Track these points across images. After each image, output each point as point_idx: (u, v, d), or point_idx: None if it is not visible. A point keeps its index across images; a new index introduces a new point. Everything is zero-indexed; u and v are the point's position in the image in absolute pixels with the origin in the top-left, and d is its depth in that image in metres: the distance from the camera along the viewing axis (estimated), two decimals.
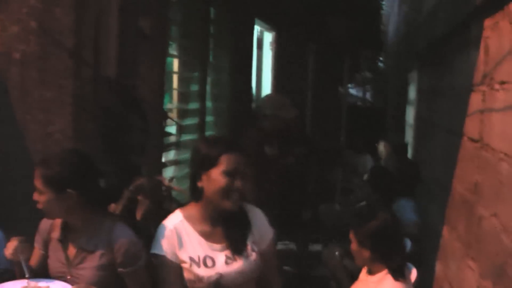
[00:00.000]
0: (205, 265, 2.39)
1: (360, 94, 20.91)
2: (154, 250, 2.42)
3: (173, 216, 2.49)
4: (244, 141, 4.92)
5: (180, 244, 2.41)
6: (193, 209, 2.49)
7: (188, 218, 2.46)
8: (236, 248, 2.45)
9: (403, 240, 3.17)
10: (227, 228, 2.47)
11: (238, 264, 2.43)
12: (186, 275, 2.40)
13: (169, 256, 2.40)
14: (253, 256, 2.48)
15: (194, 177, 2.45)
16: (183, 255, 2.41)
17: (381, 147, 6.60)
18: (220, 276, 2.38)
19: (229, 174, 2.38)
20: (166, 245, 2.41)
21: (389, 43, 15.17)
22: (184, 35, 4.57)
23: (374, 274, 2.95)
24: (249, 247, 2.47)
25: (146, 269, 2.43)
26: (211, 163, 2.38)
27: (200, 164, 2.41)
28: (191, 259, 2.39)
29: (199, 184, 2.41)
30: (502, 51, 2.73)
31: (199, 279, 2.37)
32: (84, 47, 3.05)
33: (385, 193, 5.10)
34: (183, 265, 2.40)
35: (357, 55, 13.31)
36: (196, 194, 2.45)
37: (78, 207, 2.36)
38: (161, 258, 2.41)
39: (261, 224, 2.57)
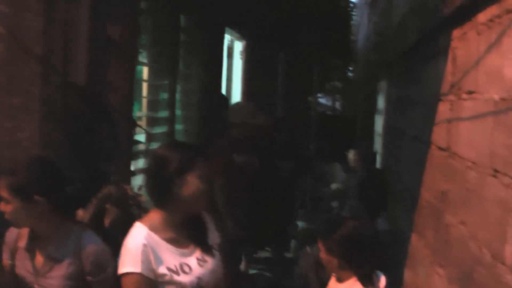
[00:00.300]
0: (184, 272, 2.37)
1: (329, 103, 21.06)
2: (127, 269, 2.27)
3: (137, 230, 2.35)
4: (214, 148, 4.93)
5: (155, 257, 2.31)
6: (154, 218, 2.40)
7: (153, 229, 2.36)
8: (206, 248, 2.46)
9: (377, 248, 3.19)
10: (192, 231, 2.46)
11: (209, 264, 2.44)
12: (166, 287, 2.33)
13: (145, 273, 2.27)
14: (217, 254, 2.50)
15: (164, 183, 2.40)
16: (161, 268, 2.32)
17: (351, 155, 6.64)
18: (200, 280, 2.38)
19: (203, 178, 2.38)
20: (140, 262, 2.27)
21: (359, 53, 15.33)
22: (154, 43, 4.56)
23: (343, 282, 2.96)
24: (213, 247, 2.50)
25: (115, 278, 2.40)
26: (187, 168, 2.36)
27: (173, 170, 2.37)
28: (169, 269, 2.32)
29: (173, 189, 2.37)
30: (470, 61, 2.77)
31: (182, 287, 2.35)
32: (53, 53, 3.01)
33: (373, 206, 5.14)
34: (163, 278, 2.32)
35: (327, 64, 13.41)
36: (165, 201, 2.41)
37: (46, 215, 2.33)
38: (137, 277, 2.27)
39: (212, 228, 2.58)
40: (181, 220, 2.43)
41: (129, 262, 2.27)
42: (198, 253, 2.43)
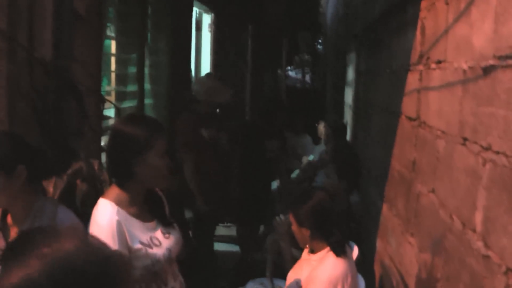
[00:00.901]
0: (155, 245, 2.38)
1: (299, 76, 21.03)
2: None
3: (106, 207, 2.33)
4: (180, 123, 4.91)
5: (129, 233, 2.31)
6: (117, 193, 2.38)
7: (119, 204, 2.35)
8: (168, 221, 2.51)
9: (348, 216, 3.23)
10: (153, 205, 2.50)
11: (173, 236, 2.49)
12: (143, 262, 2.31)
13: (121, 249, 2.23)
14: (177, 226, 2.56)
15: (124, 162, 2.34)
16: (135, 243, 2.32)
17: (321, 127, 6.67)
18: (170, 252, 2.41)
19: (164, 155, 2.38)
20: (117, 239, 2.26)
21: (328, 25, 15.31)
22: (121, 17, 4.50)
23: (315, 253, 3.00)
24: (171, 219, 2.56)
25: None
26: (148, 147, 2.33)
27: (132, 149, 2.34)
28: (142, 243, 2.33)
29: (134, 168, 2.35)
30: (438, 31, 2.79)
31: (156, 260, 2.35)
32: (18, 28, 2.95)
33: (344, 177, 5.17)
34: (138, 253, 2.31)
35: (296, 37, 13.38)
36: (126, 179, 2.39)
37: (23, 189, 2.30)
38: None
39: (165, 201, 2.62)
40: (143, 195, 2.45)
41: (104, 240, 2.25)
42: (161, 227, 2.47)
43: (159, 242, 2.40)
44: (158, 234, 2.43)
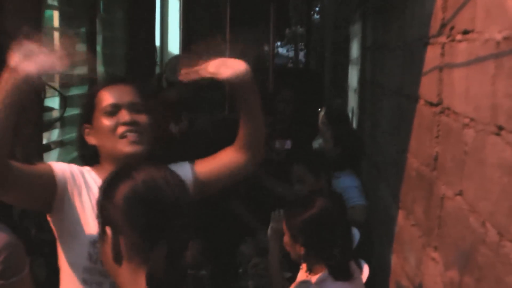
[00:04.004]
0: None
1: (291, 53, 21.08)
2: None
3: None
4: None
5: (87, 187, 2.44)
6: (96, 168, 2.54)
7: (96, 171, 2.52)
8: None
9: (348, 231, 3.22)
10: None
11: None
12: None
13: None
14: None
15: (80, 137, 2.49)
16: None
17: (322, 116, 6.69)
18: None
19: (111, 111, 2.39)
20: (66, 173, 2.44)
21: None
22: None
23: (315, 274, 2.99)
24: None
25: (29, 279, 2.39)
26: (90, 108, 2.40)
27: (81, 116, 2.44)
28: None
29: (88, 141, 2.43)
30: None
31: None
32: None
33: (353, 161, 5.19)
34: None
35: (287, 4, 13.36)
36: (89, 159, 2.47)
37: None
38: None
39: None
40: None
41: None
42: None
43: None
44: None
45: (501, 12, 2.27)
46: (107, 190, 1.91)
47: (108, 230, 1.85)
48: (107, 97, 2.47)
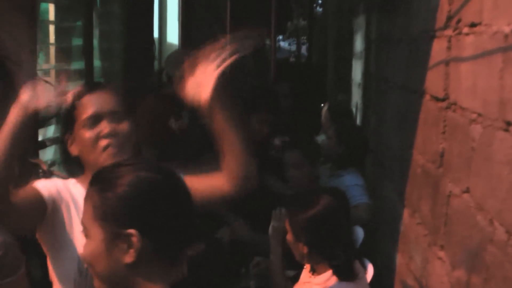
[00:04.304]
0: None
1: (293, 47, 21.07)
2: None
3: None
4: (142, 112, 4.85)
5: (74, 202, 2.44)
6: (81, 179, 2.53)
7: (81, 182, 2.50)
8: None
9: (351, 230, 3.21)
10: None
11: None
12: None
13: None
14: None
15: (63, 148, 2.51)
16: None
17: (325, 112, 6.68)
18: None
19: (92, 123, 2.41)
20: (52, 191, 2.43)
21: None
22: None
23: (318, 274, 2.98)
24: None
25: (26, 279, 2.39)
26: (71, 118, 2.41)
27: (62, 127, 2.46)
28: None
29: (71, 152, 2.44)
30: None
31: None
32: None
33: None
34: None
35: None
36: (73, 169, 2.48)
37: None
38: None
39: None
40: None
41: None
42: None
43: None
44: None
45: (510, 4, 2.26)
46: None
47: (134, 232, 1.79)
48: (87, 107, 2.45)
